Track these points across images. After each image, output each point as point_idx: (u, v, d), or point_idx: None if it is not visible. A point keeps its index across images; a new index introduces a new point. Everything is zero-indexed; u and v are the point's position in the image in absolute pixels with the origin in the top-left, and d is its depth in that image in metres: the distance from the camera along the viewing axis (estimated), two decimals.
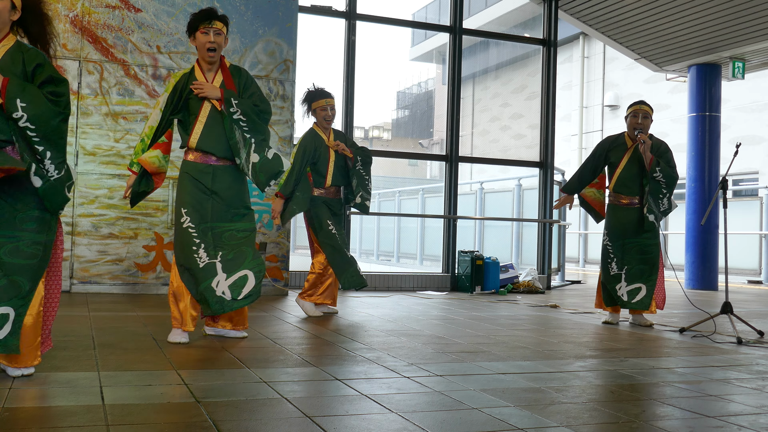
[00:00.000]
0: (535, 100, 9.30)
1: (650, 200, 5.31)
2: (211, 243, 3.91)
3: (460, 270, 8.27)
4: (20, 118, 2.77)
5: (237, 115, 3.91)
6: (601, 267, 5.55)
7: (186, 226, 3.90)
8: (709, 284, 9.96)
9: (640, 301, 5.32)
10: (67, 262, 6.36)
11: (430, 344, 4.15)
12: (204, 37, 3.93)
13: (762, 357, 4.09)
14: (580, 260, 16.23)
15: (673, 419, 2.57)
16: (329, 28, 8.70)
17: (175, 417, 2.38)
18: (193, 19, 3.98)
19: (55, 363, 3.20)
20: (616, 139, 5.56)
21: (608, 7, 9.29)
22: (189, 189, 3.94)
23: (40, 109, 2.80)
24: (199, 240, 3.89)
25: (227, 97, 3.91)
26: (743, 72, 10.06)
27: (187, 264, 3.89)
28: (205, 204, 3.94)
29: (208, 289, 3.85)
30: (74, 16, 6.47)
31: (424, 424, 2.38)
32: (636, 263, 5.36)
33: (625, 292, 5.36)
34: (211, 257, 3.89)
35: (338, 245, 5.28)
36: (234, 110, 3.90)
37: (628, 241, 5.38)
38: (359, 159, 5.41)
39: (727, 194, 5.03)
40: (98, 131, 6.49)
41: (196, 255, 3.87)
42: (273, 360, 3.51)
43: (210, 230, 3.94)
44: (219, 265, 3.89)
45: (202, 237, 3.91)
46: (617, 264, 5.40)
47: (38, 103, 2.81)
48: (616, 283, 5.38)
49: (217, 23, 3.94)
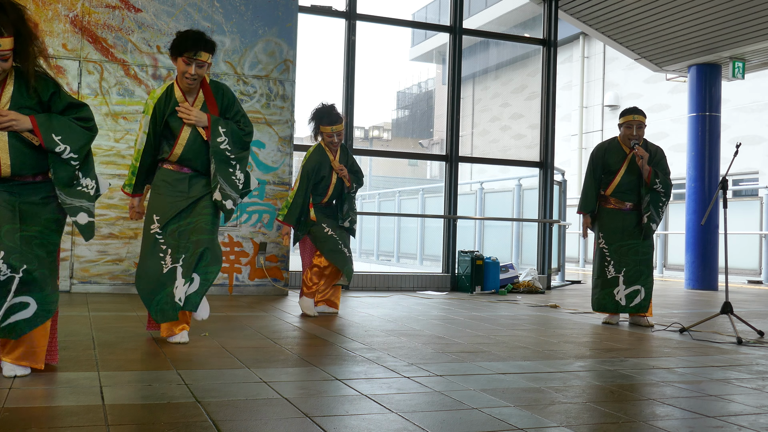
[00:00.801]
0: (535, 100, 9.30)
1: (652, 210, 5.31)
2: (176, 246, 3.89)
3: (460, 270, 8.27)
4: (63, 150, 2.90)
5: (224, 144, 3.91)
6: (594, 270, 5.49)
7: (153, 232, 3.90)
8: (709, 284, 9.96)
9: (638, 304, 5.32)
10: (67, 262, 6.36)
11: (430, 344, 4.15)
12: (185, 67, 3.82)
13: (762, 357, 4.09)
14: (580, 260, 16.23)
15: (673, 419, 2.57)
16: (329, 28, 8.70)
17: (175, 417, 2.38)
18: (179, 41, 3.83)
19: (55, 363, 3.19)
20: (609, 145, 5.52)
21: (608, 7, 9.29)
22: (165, 195, 3.93)
23: (78, 138, 2.96)
24: (166, 246, 3.89)
25: (214, 126, 3.90)
26: (743, 72, 10.06)
27: (150, 270, 3.87)
28: (179, 204, 3.93)
29: (170, 294, 3.86)
30: (74, 16, 6.47)
31: (424, 424, 2.38)
32: (633, 265, 5.35)
33: (624, 296, 5.34)
34: (174, 261, 3.89)
35: (339, 248, 5.36)
36: (222, 140, 3.90)
37: (625, 244, 5.37)
38: (355, 186, 5.53)
39: (727, 194, 5.02)
40: (98, 131, 6.48)
41: (163, 262, 3.87)
42: (273, 360, 3.51)
43: (177, 229, 3.91)
44: (180, 270, 3.87)
45: (168, 241, 3.90)
46: (615, 267, 5.38)
47: (74, 132, 2.95)
48: (614, 287, 5.36)
49: (202, 55, 3.81)
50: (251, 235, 6.90)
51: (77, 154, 2.94)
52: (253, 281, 6.88)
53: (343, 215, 5.49)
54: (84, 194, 3.03)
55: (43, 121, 2.86)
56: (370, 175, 18.01)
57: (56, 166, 2.92)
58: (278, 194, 6.97)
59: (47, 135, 2.85)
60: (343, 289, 7.69)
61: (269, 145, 7.00)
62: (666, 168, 5.39)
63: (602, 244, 5.44)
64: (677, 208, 13.90)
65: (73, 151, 2.92)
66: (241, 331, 4.42)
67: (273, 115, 7.02)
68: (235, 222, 6.84)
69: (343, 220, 5.49)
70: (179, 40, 3.84)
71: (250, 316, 5.25)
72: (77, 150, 2.94)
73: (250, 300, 6.34)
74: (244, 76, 6.94)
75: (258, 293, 6.87)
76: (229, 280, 6.79)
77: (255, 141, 6.94)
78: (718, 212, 9.87)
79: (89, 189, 3.06)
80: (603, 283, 5.41)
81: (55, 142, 2.86)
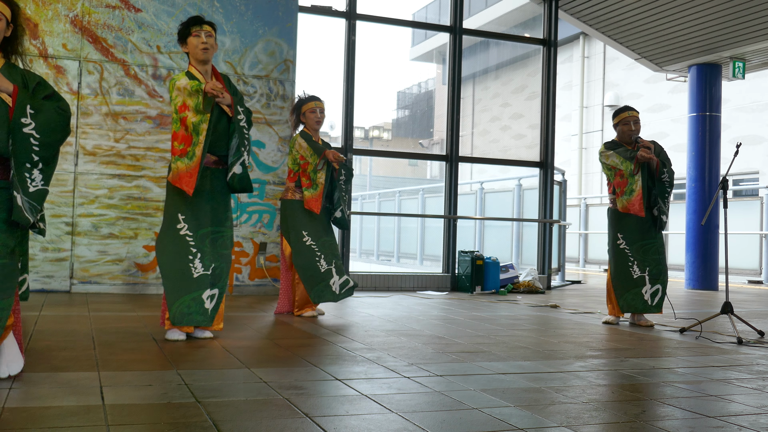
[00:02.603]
0: (535, 100, 9.30)
1: (660, 202, 5.30)
2: (208, 252, 3.97)
3: (460, 270, 8.27)
4: (28, 125, 2.80)
5: (242, 122, 4.05)
6: (616, 272, 5.38)
7: (183, 233, 3.94)
8: (709, 284, 9.96)
9: (658, 303, 5.34)
10: (67, 262, 6.36)
11: (431, 344, 4.15)
12: (196, 39, 4.04)
13: (762, 357, 4.09)
14: (580, 260, 16.22)
15: (673, 419, 2.57)
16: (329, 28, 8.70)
17: (175, 417, 2.37)
18: (182, 26, 4.11)
19: (55, 363, 3.20)
20: (616, 146, 5.47)
21: (608, 7, 9.29)
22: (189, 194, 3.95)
23: (48, 118, 2.85)
24: (196, 249, 3.94)
25: (235, 103, 4.04)
26: (743, 72, 10.06)
27: (179, 271, 3.91)
28: (205, 206, 3.99)
29: (198, 299, 3.92)
30: (74, 16, 6.46)
31: (424, 424, 2.38)
32: (655, 264, 5.35)
33: (650, 295, 5.33)
34: (206, 268, 3.97)
35: (311, 261, 5.19)
36: (241, 117, 4.04)
37: (647, 243, 5.36)
38: (343, 172, 5.44)
39: (728, 194, 5.03)
40: (98, 131, 6.49)
41: (192, 264, 3.92)
42: (273, 360, 3.51)
43: (208, 236, 4.00)
44: (209, 279, 3.99)
45: (200, 246, 3.96)
46: (639, 266, 5.33)
47: (47, 112, 2.85)
48: (641, 287, 5.31)
49: (206, 27, 4.07)
50: (251, 235, 6.90)
51: (39, 133, 2.80)
52: (253, 281, 6.88)
53: (334, 204, 5.37)
54: (25, 186, 2.81)
55: (24, 95, 2.81)
56: (370, 175, 18.01)
57: (14, 147, 2.78)
58: (278, 194, 6.96)
59: (22, 106, 2.77)
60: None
61: (269, 145, 7.00)
62: (668, 159, 5.40)
63: (623, 245, 5.37)
64: (677, 208, 13.90)
65: (36, 129, 2.79)
66: (241, 331, 4.41)
67: (273, 115, 7.02)
68: (236, 222, 6.84)
69: (335, 210, 5.37)
70: (183, 25, 4.11)
71: (250, 316, 5.25)
72: (41, 128, 2.80)
73: (250, 300, 6.34)
74: (244, 76, 6.94)
75: (258, 293, 6.87)
76: (230, 280, 6.79)
77: (255, 141, 6.94)
78: (719, 212, 9.87)
79: (35, 183, 2.83)
80: (628, 284, 5.34)
81: (25, 113, 2.78)
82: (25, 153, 2.80)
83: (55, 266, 6.31)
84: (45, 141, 2.84)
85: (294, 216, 5.28)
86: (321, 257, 5.24)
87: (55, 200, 6.32)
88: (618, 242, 5.41)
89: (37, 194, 2.86)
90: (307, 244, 5.23)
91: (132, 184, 6.54)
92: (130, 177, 6.52)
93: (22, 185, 2.81)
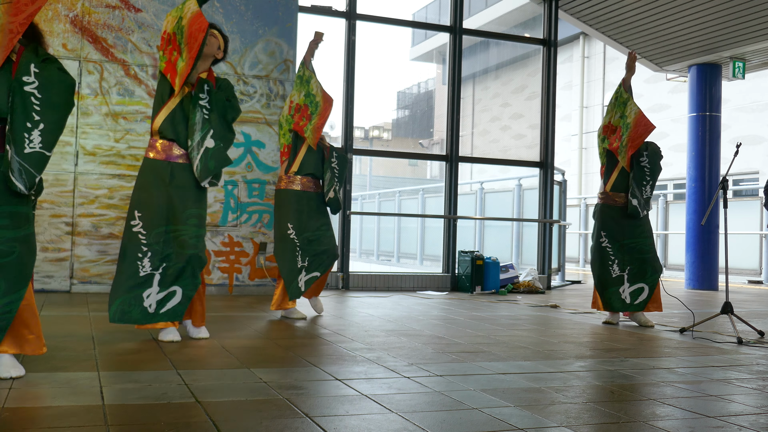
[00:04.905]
0: (535, 100, 9.30)
1: (633, 186, 5.30)
2: (159, 252, 3.86)
3: (460, 270, 8.27)
4: (30, 83, 2.77)
5: (203, 101, 3.89)
6: (597, 270, 5.43)
7: (137, 231, 3.85)
8: (709, 284, 9.96)
9: (642, 302, 5.33)
10: (67, 262, 6.36)
11: (431, 344, 4.15)
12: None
13: (762, 357, 4.09)
14: (580, 260, 16.23)
15: (673, 419, 2.57)
16: (329, 28, 8.69)
17: (175, 417, 2.37)
18: None
19: (55, 363, 3.19)
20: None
21: (608, 7, 9.29)
22: (148, 188, 3.87)
23: (50, 76, 2.82)
24: (147, 248, 3.85)
25: (200, 83, 3.91)
26: (743, 72, 10.05)
27: (126, 269, 3.83)
28: (162, 205, 3.87)
29: (138, 297, 3.84)
30: (74, 16, 6.47)
31: (424, 424, 2.38)
32: (637, 263, 5.35)
33: (628, 294, 5.34)
34: (155, 268, 3.87)
35: (291, 255, 5.09)
36: (204, 96, 3.89)
37: (627, 242, 5.37)
38: (335, 154, 5.32)
39: (728, 194, 5.03)
40: (98, 131, 6.49)
41: (140, 263, 3.83)
42: (273, 360, 3.51)
43: (163, 235, 3.88)
44: (157, 278, 3.87)
45: (151, 244, 3.85)
46: (619, 265, 5.37)
47: (50, 71, 2.83)
48: (618, 286, 5.35)
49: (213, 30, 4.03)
50: (251, 235, 6.90)
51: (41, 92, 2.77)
52: (253, 281, 6.88)
53: (326, 186, 5.25)
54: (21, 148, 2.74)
55: (31, 54, 2.81)
56: (370, 175, 18.01)
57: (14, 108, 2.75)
58: None
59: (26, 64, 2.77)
60: (342, 289, 7.69)
61: (269, 145, 6.99)
62: (659, 155, 5.43)
63: (605, 243, 5.41)
64: (677, 208, 13.90)
65: (38, 88, 2.77)
66: (241, 331, 4.41)
67: (273, 115, 7.02)
68: (236, 222, 6.85)
69: (327, 191, 5.25)
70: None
71: (250, 316, 5.25)
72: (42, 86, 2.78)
73: (250, 300, 6.34)
74: (244, 76, 6.94)
75: (258, 293, 6.87)
76: (229, 280, 6.79)
77: (255, 141, 6.94)
78: (719, 212, 9.87)
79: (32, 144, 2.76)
80: (608, 282, 5.37)
81: (29, 72, 2.77)
82: (24, 111, 2.76)
83: (55, 266, 6.32)
84: (47, 101, 2.80)
85: (285, 206, 5.19)
86: (299, 253, 5.15)
87: (55, 200, 6.33)
88: (601, 240, 5.43)
89: (33, 157, 2.76)
90: (291, 237, 5.13)
91: (132, 184, 6.54)
92: (130, 177, 6.52)
93: (18, 144, 2.74)
